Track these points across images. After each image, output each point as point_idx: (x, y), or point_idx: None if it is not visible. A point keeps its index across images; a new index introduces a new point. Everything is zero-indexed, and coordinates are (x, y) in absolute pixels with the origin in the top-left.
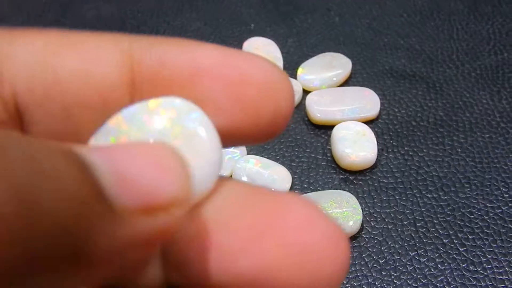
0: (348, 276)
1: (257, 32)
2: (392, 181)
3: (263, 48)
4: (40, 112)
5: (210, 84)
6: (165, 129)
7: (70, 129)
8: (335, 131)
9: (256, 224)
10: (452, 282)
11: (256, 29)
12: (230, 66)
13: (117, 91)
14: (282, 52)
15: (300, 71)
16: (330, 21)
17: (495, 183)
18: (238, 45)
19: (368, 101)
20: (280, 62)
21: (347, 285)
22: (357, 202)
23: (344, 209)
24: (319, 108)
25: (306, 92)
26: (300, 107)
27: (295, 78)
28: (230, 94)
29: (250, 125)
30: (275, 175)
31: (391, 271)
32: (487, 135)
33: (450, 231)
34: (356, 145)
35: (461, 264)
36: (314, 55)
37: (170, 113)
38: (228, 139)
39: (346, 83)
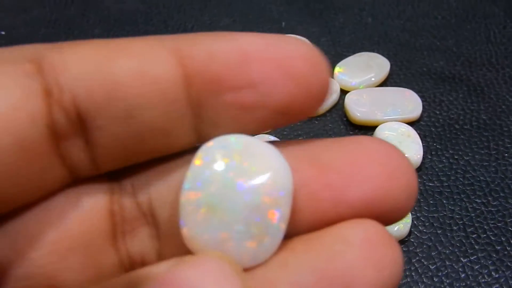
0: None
1: (288, 30)
2: (438, 184)
3: None
4: (103, 116)
5: (261, 67)
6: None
7: (132, 130)
8: (378, 132)
9: (354, 160)
10: None
11: (287, 27)
12: (275, 48)
13: (174, 86)
14: None
15: (337, 70)
16: (363, 21)
17: None
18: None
19: (409, 102)
20: None
21: None
22: None
23: None
24: (359, 108)
25: (343, 92)
26: (338, 107)
27: (332, 77)
28: (282, 73)
29: (303, 99)
30: None
31: (443, 278)
32: None
33: (502, 238)
34: (401, 147)
35: None
36: (348, 55)
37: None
38: (285, 117)
39: (384, 83)
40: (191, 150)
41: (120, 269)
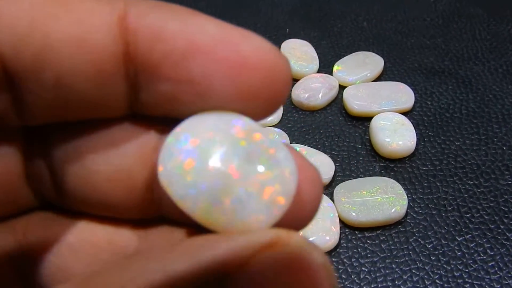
0: (396, 260)
1: (292, 36)
2: (431, 168)
3: (299, 48)
4: (31, 79)
5: (205, 63)
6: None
7: (62, 98)
8: (374, 122)
9: None
10: (503, 268)
11: (290, 33)
12: (228, 46)
13: (111, 61)
14: (317, 52)
15: (335, 68)
16: (359, 26)
17: None
18: (275, 46)
19: (403, 94)
20: (316, 61)
21: (396, 269)
22: (401, 188)
23: (389, 195)
24: (356, 101)
25: (341, 87)
26: (337, 101)
27: (331, 74)
28: (226, 76)
29: (243, 107)
30: (319, 162)
31: (440, 256)
32: None
33: (495, 217)
34: (396, 134)
35: (511, 250)
36: (347, 55)
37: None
38: None
39: (378, 79)
40: None
41: (34, 204)
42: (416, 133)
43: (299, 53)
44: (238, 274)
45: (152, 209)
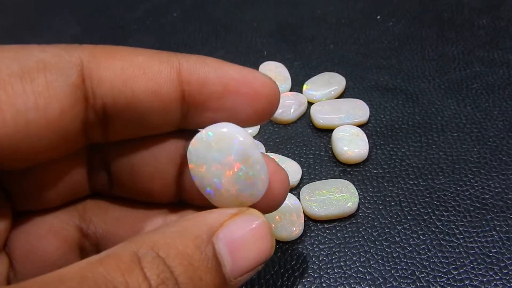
0: (349, 246)
1: (269, 57)
2: (381, 171)
3: (275, 70)
4: (121, 117)
5: (235, 98)
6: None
7: (138, 125)
8: (334, 133)
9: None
10: (432, 249)
11: (268, 55)
12: (247, 85)
13: (174, 104)
14: (290, 73)
15: (305, 87)
16: (327, 48)
17: (463, 172)
18: (254, 67)
19: (359, 109)
20: (289, 81)
21: (348, 253)
22: (354, 188)
23: (344, 193)
24: (321, 116)
25: (310, 104)
26: (306, 116)
27: (301, 92)
28: (247, 104)
29: (256, 120)
30: (289, 168)
31: (383, 241)
32: (455, 134)
33: (428, 210)
34: (352, 144)
35: (438, 235)
36: (315, 75)
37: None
38: (241, 125)
39: (341, 96)
40: None
41: (87, 193)
42: (369, 142)
43: (275, 74)
44: (220, 230)
45: (176, 196)
